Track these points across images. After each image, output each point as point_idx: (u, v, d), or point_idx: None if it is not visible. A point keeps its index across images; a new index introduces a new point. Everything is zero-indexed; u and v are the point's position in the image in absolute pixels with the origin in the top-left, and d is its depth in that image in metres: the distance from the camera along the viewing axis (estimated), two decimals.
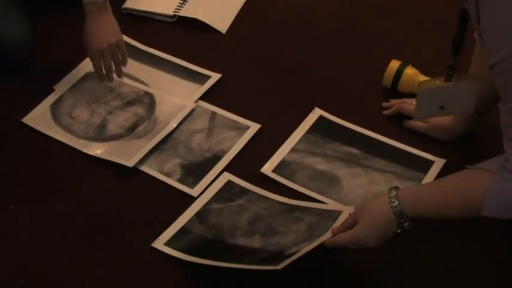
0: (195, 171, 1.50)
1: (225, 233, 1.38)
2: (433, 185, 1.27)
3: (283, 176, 1.48)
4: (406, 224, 1.19)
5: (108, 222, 1.42)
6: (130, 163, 1.49)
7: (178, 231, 1.38)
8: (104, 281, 1.32)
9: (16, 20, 1.67)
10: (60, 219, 1.42)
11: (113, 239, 1.39)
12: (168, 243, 1.36)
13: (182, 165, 1.51)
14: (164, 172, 1.50)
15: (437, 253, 1.36)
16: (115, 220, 1.42)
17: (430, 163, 1.50)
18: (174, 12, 1.86)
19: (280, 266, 1.22)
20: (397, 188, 1.22)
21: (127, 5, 1.89)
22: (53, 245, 1.38)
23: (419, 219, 1.20)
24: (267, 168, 1.50)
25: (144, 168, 1.50)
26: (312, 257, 1.25)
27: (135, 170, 1.50)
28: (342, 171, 1.50)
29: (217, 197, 1.45)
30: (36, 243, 1.38)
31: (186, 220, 1.40)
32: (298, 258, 1.23)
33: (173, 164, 1.51)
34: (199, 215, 1.41)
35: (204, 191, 1.45)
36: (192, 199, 1.44)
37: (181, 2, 1.90)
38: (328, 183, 1.47)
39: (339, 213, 1.36)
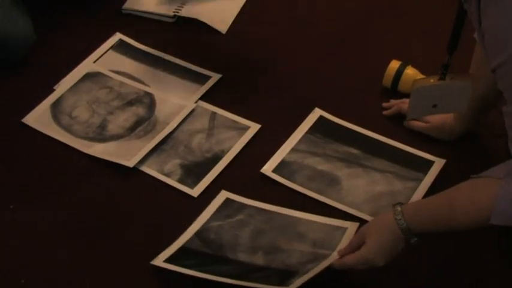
0: (195, 171, 1.50)
1: (227, 249, 1.35)
2: (438, 197, 1.23)
3: (283, 176, 1.48)
4: (414, 239, 1.18)
5: (108, 222, 1.42)
6: (130, 163, 1.49)
7: (178, 249, 1.35)
8: (104, 281, 1.32)
9: (19, 20, 1.68)
10: (60, 219, 1.42)
11: (113, 239, 1.39)
12: (167, 261, 1.32)
13: (182, 166, 1.51)
14: (164, 172, 1.50)
15: (436, 253, 1.36)
16: (115, 220, 1.42)
17: (430, 163, 1.50)
18: (174, 12, 1.86)
19: (290, 287, 1.21)
20: (401, 204, 1.20)
21: (127, 5, 1.88)
22: (53, 245, 1.37)
23: (426, 234, 1.19)
24: (267, 168, 1.50)
25: (144, 168, 1.50)
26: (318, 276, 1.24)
27: (135, 170, 1.50)
28: (342, 171, 1.50)
29: (216, 215, 1.42)
30: (36, 243, 1.38)
31: (186, 239, 1.37)
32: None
33: (173, 164, 1.51)
34: (199, 234, 1.38)
35: (203, 211, 1.43)
36: (192, 199, 1.45)
37: (182, 1, 1.90)
38: (328, 183, 1.47)
39: (344, 230, 1.35)
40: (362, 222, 1.34)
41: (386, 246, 1.19)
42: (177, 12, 1.87)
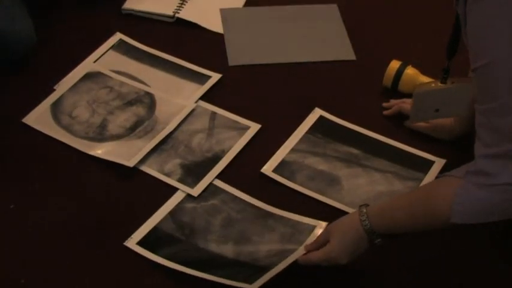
0: (195, 171, 1.50)
1: (198, 236, 1.37)
2: (400, 197, 1.27)
3: (283, 176, 1.48)
4: (377, 240, 1.21)
5: (109, 222, 1.41)
6: (130, 163, 1.49)
7: (150, 230, 1.38)
8: (104, 281, 1.32)
9: (20, 20, 1.68)
10: (60, 219, 1.41)
11: (113, 238, 1.38)
12: (140, 243, 1.36)
13: (182, 165, 1.51)
14: (164, 172, 1.50)
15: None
16: (115, 220, 1.42)
17: (430, 163, 1.50)
18: (173, 12, 1.86)
19: (254, 286, 1.24)
20: (366, 205, 1.23)
21: (127, 5, 1.88)
22: (53, 245, 1.37)
23: (390, 234, 1.21)
24: (267, 168, 1.50)
25: (145, 168, 1.50)
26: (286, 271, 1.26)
27: (135, 170, 1.50)
28: (342, 171, 1.50)
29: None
30: (36, 243, 1.38)
31: (159, 219, 1.40)
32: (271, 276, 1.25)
33: (173, 164, 1.51)
34: (172, 213, 1.41)
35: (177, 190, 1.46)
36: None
37: (181, 2, 1.90)
38: (329, 183, 1.47)
39: (312, 227, 1.37)
40: None
41: (350, 245, 1.22)
42: (177, 13, 1.87)
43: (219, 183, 1.47)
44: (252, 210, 1.42)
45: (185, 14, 1.87)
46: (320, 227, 1.36)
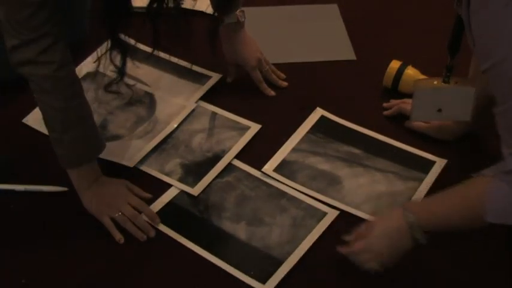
0: (195, 170, 1.50)
1: (212, 212, 1.41)
2: (441, 195, 1.24)
3: (284, 176, 1.48)
4: (421, 237, 1.18)
5: None
6: (131, 163, 1.49)
7: (166, 204, 1.42)
8: (105, 282, 1.31)
9: None
10: (60, 220, 1.41)
11: (113, 239, 1.38)
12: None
13: (183, 165, 1.51)
14: (165, 172, 1.49)
15: (440, 257, 1.36)
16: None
17: (431, 163, 1.50)
18: None
19: (267, 287, 1.27)
20: (411, 201, 1.24)
21: None
22: (53, 245, 1.37)
23: (433, 232, 1.19)
24: (268, 168, 1.49)
25: (145, 168, 1.50)
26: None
27: (135, 170, 1.49)
28: (343, 171, 1.49)
29: None
30: (37, 243, 1.37)
31: (175, 194, 1.44)
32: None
33: (174, 163, 1.51)
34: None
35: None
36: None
37: None
38: (329, 183, 1.47)
39: (323, 214, 1.39)
40: (363, 221, 1.33)
41: (391, 238, 1.20)
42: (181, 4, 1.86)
43: (234, 161, 1.50)
44: (265, 188, 1.45)
45: (188, 4, 1.86)
46: (331, 215, 1.38)
